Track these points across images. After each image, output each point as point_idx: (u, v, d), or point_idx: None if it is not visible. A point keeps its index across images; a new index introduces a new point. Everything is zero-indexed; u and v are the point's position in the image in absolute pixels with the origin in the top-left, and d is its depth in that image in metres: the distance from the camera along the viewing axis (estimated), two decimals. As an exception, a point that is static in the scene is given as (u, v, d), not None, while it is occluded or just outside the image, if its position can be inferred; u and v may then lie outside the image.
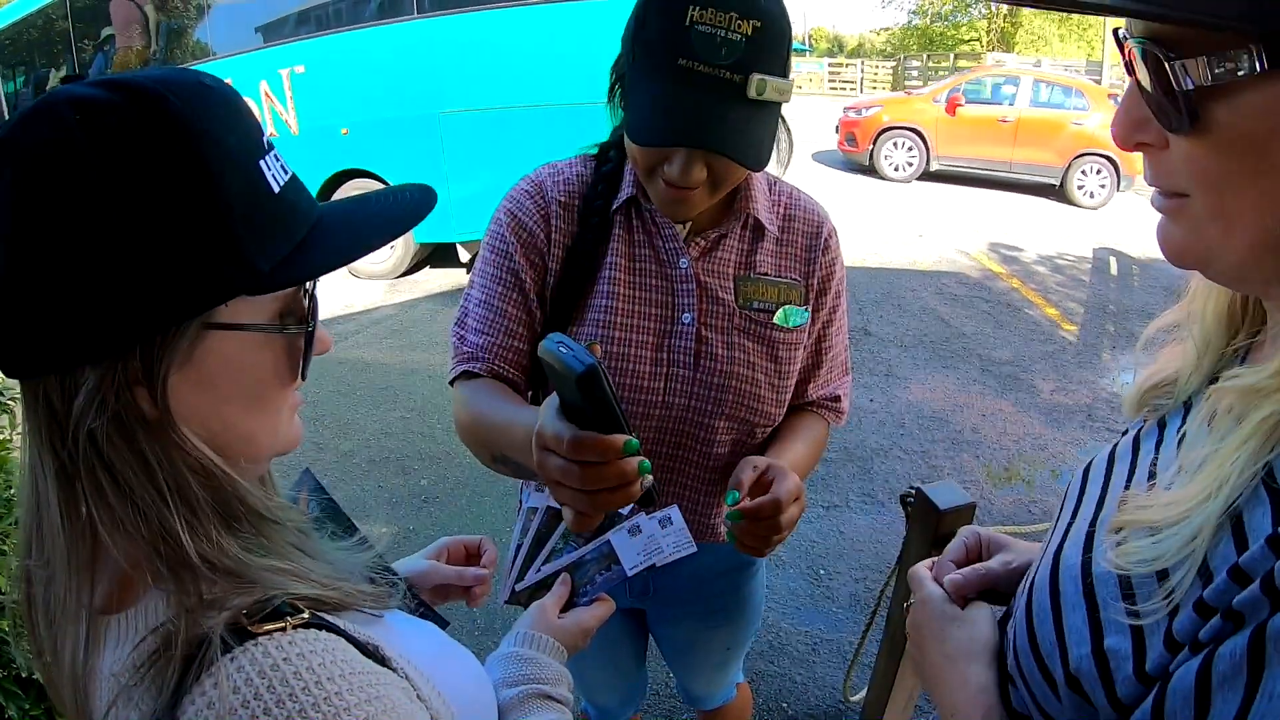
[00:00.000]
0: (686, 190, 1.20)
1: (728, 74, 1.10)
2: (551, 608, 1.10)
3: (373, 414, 5.15)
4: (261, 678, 0.60)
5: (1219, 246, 0.62)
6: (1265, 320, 0.75)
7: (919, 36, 39.54)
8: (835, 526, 4.00)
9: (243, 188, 0.67)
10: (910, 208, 11.16)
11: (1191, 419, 0.73)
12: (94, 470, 0.65)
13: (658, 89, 1.13)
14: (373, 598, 0.77)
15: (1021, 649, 0.77)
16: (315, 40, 7.47)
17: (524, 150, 6.73)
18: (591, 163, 1.42)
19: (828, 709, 2.93)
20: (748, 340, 1.37)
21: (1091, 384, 5.68)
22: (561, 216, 1.36)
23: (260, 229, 0.69)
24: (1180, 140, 0.61)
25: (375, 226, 0.79)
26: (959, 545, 1.07)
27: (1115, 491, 0.79)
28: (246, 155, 0.69)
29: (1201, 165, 0.60)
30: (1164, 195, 0.66)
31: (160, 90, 0.64)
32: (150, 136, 0.62)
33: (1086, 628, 0.69)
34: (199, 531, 0.67)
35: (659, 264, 1.36)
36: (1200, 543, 0.60)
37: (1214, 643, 0.57)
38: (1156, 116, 0.62)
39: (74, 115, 0.61)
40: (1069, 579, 0.73)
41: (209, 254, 0.65)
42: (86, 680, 0.68)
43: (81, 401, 0.64)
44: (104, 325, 0.62)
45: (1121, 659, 0.64)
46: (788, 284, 1.40)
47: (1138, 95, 0.63)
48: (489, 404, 1.28)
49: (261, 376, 0.74)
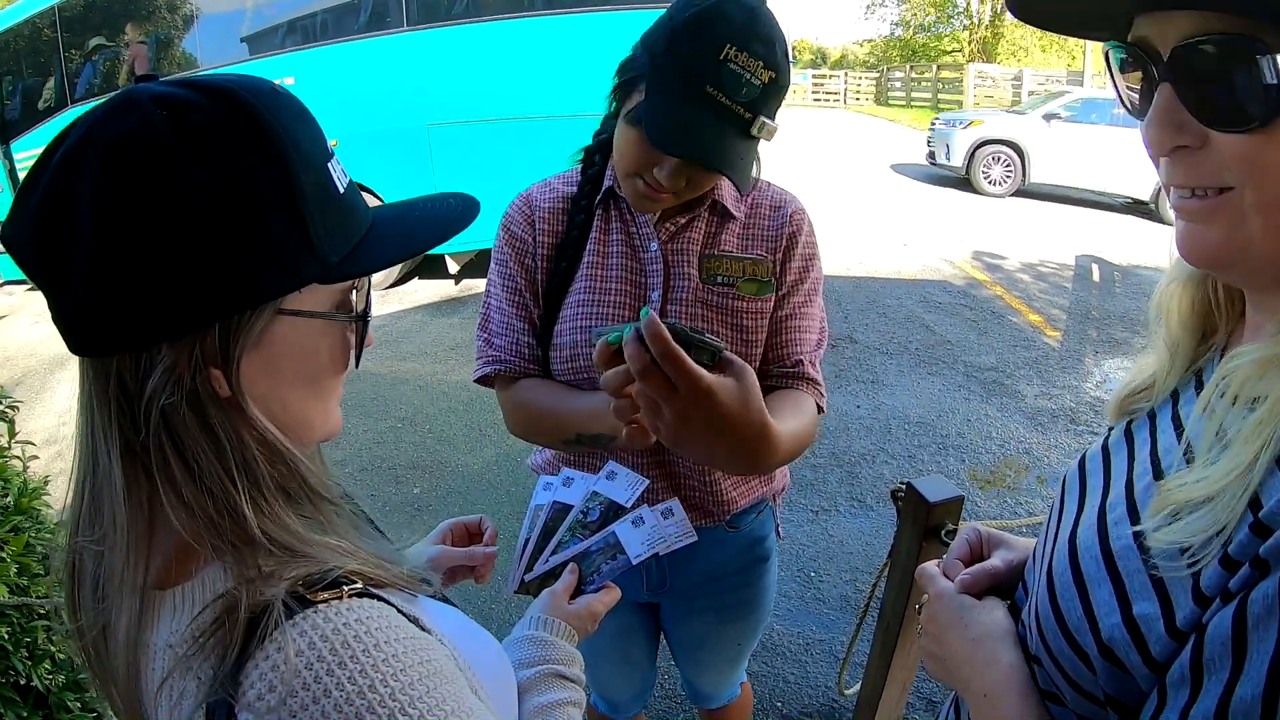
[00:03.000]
0: (662, 193, 1.35)
1: (741, 110, 1.25)
2: (562, 594, 1.15)
3: (364, 423, 5.17)
4: (324, 641, 0.64)
5: (1259, 240, 0.65)
6: (1242, 316, 0.80)
7: (901, 48, 39.85)
8: (825, 530, 4.04)
9: (315, 185, 0.72)
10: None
11: (1201, 400, 0.76)
12: (162, 447, 0.69)
13: (684, 107, 1.25)
14: (412, 581, 0.80)
15: (1049, 629, 0.80)
16: (304, 52, 7.51)
17: (513, 161, 6.80)
18: (577, 172, 1.54)
19: (821, 707, 2.97)
20: (708, 310, 1.45)
21: (1074, 389, 5.74)
22: (546, 220, 1.51)
23: (330, 224, 0.74)
24: (1231, 136, 0.63)
25: (425, 229, 0.84)
26: (962, 543, 1.10)
27: (1118, 478, 0.83)
28: (317, 157, 0.74)
29: (1261, 158, 0.62)
30: (1198, 194, 0.68)
31: (240, 90, 0.69)
32: (235, 132, 0.67)
33: (1114, 599, 0.72)
34: (262, 507, 0.71)
35: (632, 248, 1.48)
36: (1244, 501, 0.63)
37: (1244, 590, 0.60)
38: (1201, 116, 0.64)
39: (159, 110, 0.65)
40: (1089, 559, 0.77)
41: (288, 243, 0.70)
42: (138, 655, 0.71)
43: (157, 379, 0.67)
44: (187, 307, 0.66)
45: (1153, 621, 0.67)
46: (752, 260, 1.49)
47: (1173, 99, 0.65)
48: (557, 395, 1.45)
49: (321, 362, 0.79)
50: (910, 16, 39.18)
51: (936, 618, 0.96)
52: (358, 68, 7.36)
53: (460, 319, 7.09)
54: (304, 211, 0.70)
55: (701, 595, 1.72)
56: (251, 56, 7.71)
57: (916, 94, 27.80)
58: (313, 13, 7.56)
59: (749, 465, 1.04)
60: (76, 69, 8.10)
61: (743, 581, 1.74)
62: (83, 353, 0.70)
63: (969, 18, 35.78)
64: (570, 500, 1.27)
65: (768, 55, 1.24)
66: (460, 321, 7.01)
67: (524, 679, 1.00)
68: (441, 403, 5.47)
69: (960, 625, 0.92)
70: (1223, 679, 0.59)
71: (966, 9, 34.83)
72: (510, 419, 1.52)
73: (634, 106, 1.31)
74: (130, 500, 0.70)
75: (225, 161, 0.66)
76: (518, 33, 7.09)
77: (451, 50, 7.17)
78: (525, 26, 7.11)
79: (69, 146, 0.66)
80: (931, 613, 0.98)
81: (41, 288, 0.69)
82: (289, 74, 7.37)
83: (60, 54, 8.04)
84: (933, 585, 1.00)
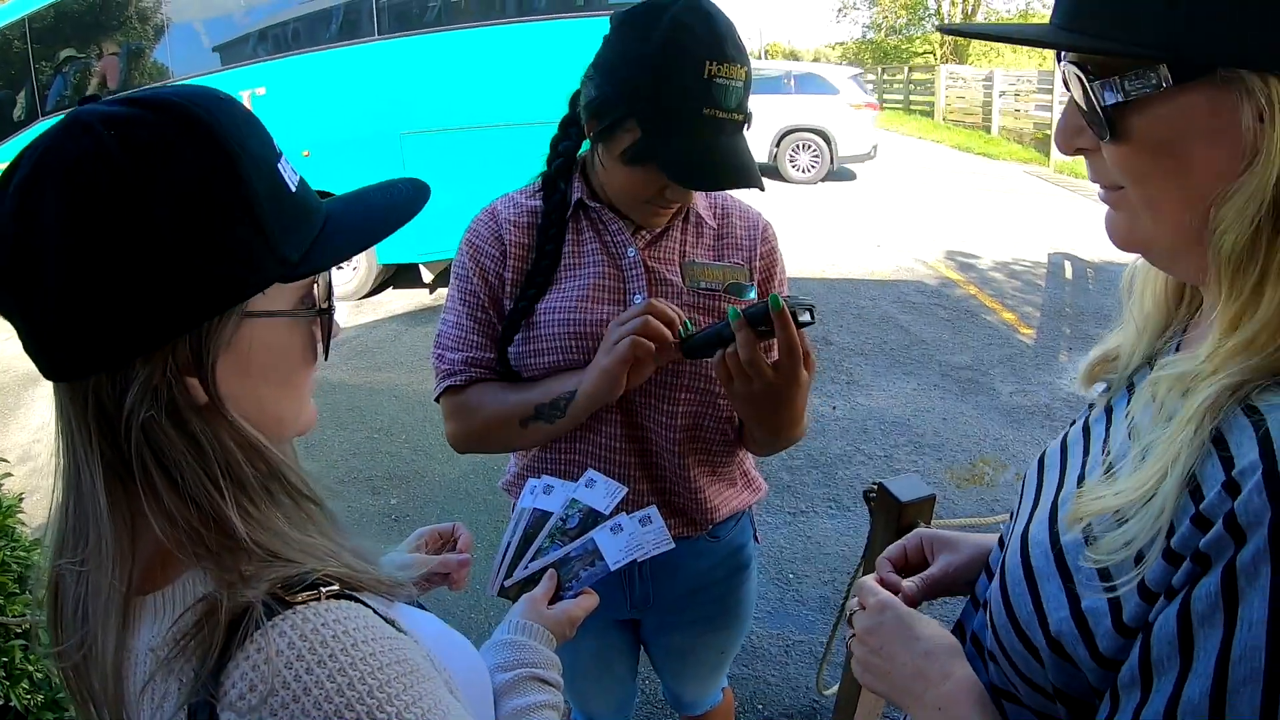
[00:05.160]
0: (674, 206, 1.43)
1: (736, 116, 1.32)
2: (541, 600, 1.16)
3: (339, 435, 5.16)
4: (303, 640, 0.65)
5: (1152, 233, 0.73)
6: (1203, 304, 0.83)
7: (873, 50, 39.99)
8: (802, 531, 4.07)
9: (268, 187, 0.74)
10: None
11: (1134, 405, 0.79)
12: (144, 460, 0.69)
13: (692, 140, 1.30)
14: (390, 585, 0.82)
15: (1000, 624, 0.82)
16: (276, 62, 7.47)
17: (486, 169, 6.78)
18: (539, 195, 1.54)
19: (801, 708, 2.99)
20: (699, 314, 1.46)
21: (1050, 385, 5.79)
22: (514, 234, 1.51)
23: (286, 224, 0.75)
24: (1108, 144, 0.71)
25: (381, 218, 0.85)
26: (898, 549, 1.15)
27: (1073, 473, 0.86)
28: (267, 159, 0.75)
29: (1128, 164, 0.71)
30: (1104, 189, 0.77)
31: (184, 103, 0.70)
32: (184, 144, 0.68)
33: (1063, 594, 0.74)
34: (247, 508, 0.72)
35: (609, 255, 1.49)
36: (1166, 517, 0.65)
37: (1187, 585, 0.62)
38: (1088, 125, 0.73)
39: (108, 131, 0.66)
40: (1039, 554, 0.79)
41: (248, 246, 0.71)
42: (120, 662, 0.72)
43: (135, 394, 0.68)
44: (157, 319, 0.68)
45: (1100, 616, 0.70)
46: (732, 267, 1.52)
47: (1074, 107, 0.74)
48: (498, 392, 1.48)
49: (291, 358, 0.81)
50: (881, 19, 39.37)
51: (879, 630, 0.96)
52: (330, 77, 7.33)
53: (434, 328, 7.00)
54: (260, 214, 0.72)
55: (685, 608, 1.73)
56: (223, 67, 7.66)
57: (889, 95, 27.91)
58: (284, 22, 7.52)
59: (798, 428, 1.42)
60: (47, 81, 8.02)
61: (725, 591, 1.75)
62: (58, 377, 0.71)
63: (940, 20, 35.96)
64: (550, 507, 1.28)
65: (737, 54, 1.28)
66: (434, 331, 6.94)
67: (502, 682, 1.02)
68: (418, 412, 5.46)
69: (909, 637, 0.92)
70: (1171, 679, 0.61)
71: (938, 11, 35.01)
72: (454, 425, 1.53)
73: (630, 146, 1.33)
74: (113, 514, 0.71)
75: (179, 173, 0.67)
76: (490, 40, 7.09)
77: (424, 59, 7.15)
78: (498, 34, 7.11)
79: (23, 176, 0.67)
80: (872, 624, 0.97)
81: (10, 318, 0.70)
82: (260, 84, 7.34)
83: (30, 66, 7.95)
84: (873, 596, 1.00)
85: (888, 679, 0.93)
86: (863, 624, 0.98)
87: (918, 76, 28.22)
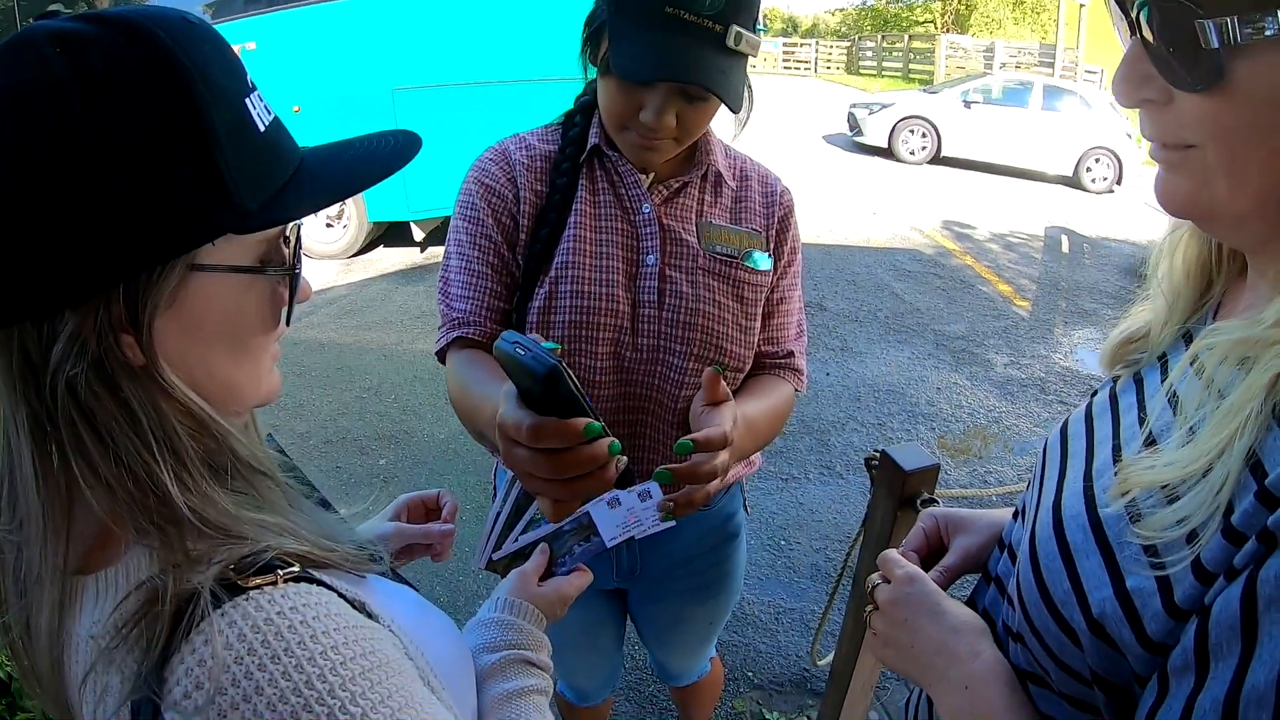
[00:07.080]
0: (658, 139, 1.29)
1: (710, 23, 1.19)
2: (531, 575, 1.09)
3: (328, 395, 5.08)
4: (255, 632, 0.58)
5: (1226, 200, 0.64)
6: (1241, 273, 0.77)
7: (873, 18, 39.76)
8: (794, 498, 4.03)
9: (230, 125, 0.65)
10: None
11: (1173, 374, 0.74)
12: (73, 422, 0.62)
13: (647, 35, 1.19)
14: (358, 560, 0.75)
15: (1032, 603, 0.77)
16: (266, 16, 7.30)
17: (478, 126, 6.68)
18: (556, 131, 1.46)
19: (793, 676, 2.97)
20: (713, 280, 1.38)
21: (1044, 358, 5.78)
22: (527, 177, 1.39)
23: (247, 167, 0.66)
24: (1191, 95, 0.62)
25: (360, 168, 0.77)
26: (918, 533, 1.10)
27: (1103, 445, 0.80)
28: (233, 92, 0.67)
29: (1217, 120, 0.62)
30: (1167, 148, 0.68)
31: (146, 24, 0.61)
32: (136, 70, 0.60)
33: (1104, 572, 0.69)
34: (187, 483, 0.64)
35: (623, 210, 1.40)
36: (1225, 494, 0.60)
37: (1252, 565, 0.56)
38: (1163, 73, 0.64)
39: (54, 49, 0.58)
40: (1076, 528, 0.74)
41: (196, 190, 0.63)
42: (61, 646, 0.66)
43: (61, 348, 0.61)
44: (86, 266, 0.60)
45: (1147, 596, 0.64)
46: (749, 233, 1.44)
47: (1141, 53, 0.65)
48: (473, 378, 1.27)
49: (246, 321, 0.72)
50: (882, -14, 39.15)
51: (905, 601, 0.92)
52: (321, 32, 7.16)
53: (425, 287, 6.97)
54: (216, 154, 0.63)
55: (673, 579, 1.67)
56: (214, 21, 7.50)
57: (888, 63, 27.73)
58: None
59: (772, 437, 1.41)
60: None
61: (714, 561, 1.70)
62: None
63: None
64: None
65: None
66: (425, 290, 6.90)
67: (488, 664, 0.94)
68: (407, 372, 5.39)
69: (936, 612, 0.89)
70: (1232, 664, 0.56)
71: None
72: (449, 394, 1.36)
73: (603, 57, 1.25)
74: (45, 482, 0.64)
75: (128, 103, 0.59)
76: (485, -6, 6.97)
77: (416, 13, 7.01)
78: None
79: None
80: (898, 596, 0.93)
81: None
82: (251, 38, 7.18)
83: (17, 23, 7.78)
84: (900, 568, 0.96)
85: (908, 653, 0.89)
86: (887, 596, 0.95)
87: (917, 45, 28.03)
